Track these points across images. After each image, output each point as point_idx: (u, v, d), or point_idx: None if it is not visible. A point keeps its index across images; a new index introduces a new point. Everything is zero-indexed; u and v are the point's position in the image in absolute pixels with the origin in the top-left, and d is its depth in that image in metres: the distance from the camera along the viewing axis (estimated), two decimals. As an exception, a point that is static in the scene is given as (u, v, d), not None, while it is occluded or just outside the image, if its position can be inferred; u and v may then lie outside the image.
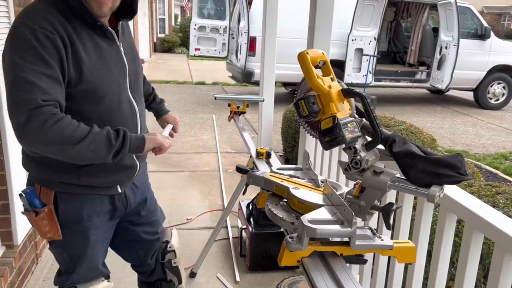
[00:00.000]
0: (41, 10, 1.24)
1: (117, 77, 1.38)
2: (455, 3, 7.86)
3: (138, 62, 1.54)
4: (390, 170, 1.25)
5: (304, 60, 1.26)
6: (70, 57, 1.23)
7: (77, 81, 1.26)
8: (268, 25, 4.57)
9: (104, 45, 1.35)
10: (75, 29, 1.26)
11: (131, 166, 1.50)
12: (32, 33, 1.17)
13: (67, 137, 1.19)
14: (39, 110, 1.15)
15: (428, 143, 3.29)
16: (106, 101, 1.35)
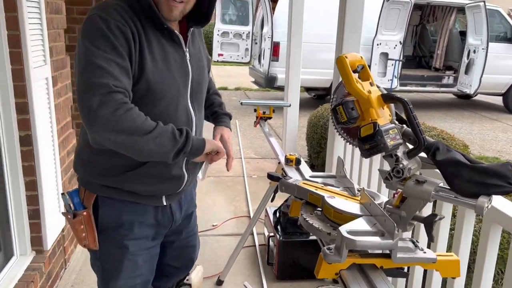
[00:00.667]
0: (114, 4, 1.24)
1: (178, 83, 1.34)
2: (484, 6, 7.67)
3: (204, 74, 1.49)
4: (433, 179, 1.19)
5: (343, 64, 1.22)
6: (137, 53, 1.22)
7: (138, 78, 1.23)
8: (294, 31, 4.54)
9: (169, 49, 1.32)
10: (144, 27, 1.25)
11: (178, 177, 1.42)
12: (105, 23, 1.18)
13: (137, 127, 1.16)
14: (111, 96, 1.13)
15: (461, 149, 3.18)
16: (163, 105, 1.30)
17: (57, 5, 2.40)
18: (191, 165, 1.45)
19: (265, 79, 8.19)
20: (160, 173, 1.35)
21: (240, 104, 2.86)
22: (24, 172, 2.10)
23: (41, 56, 2.16)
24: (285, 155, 2.17)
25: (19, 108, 2.02)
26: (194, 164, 1.46)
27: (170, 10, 1.27)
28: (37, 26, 2.10)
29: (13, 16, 1.91)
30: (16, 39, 1.94)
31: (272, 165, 4.97)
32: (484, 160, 5.19)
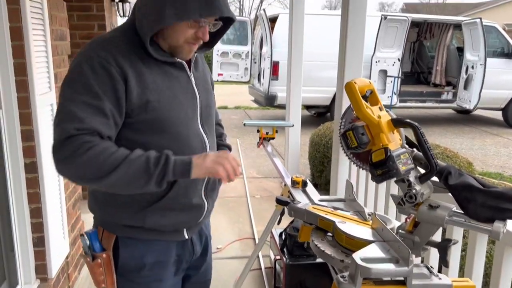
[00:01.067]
0: (109, 39, 1.24)
1: (186, 108, 1.31)
2: (480, 23, 7.76)
3: (211, 96, 1.47)
4: (446, 203, 1.18)
5: (352, 90, 1.22)
6: (133, 86, 1.19)
7: (141, 110, 1.21)
8: (294, 52, 4.59)
9: (173, 73, 1.30)
10: (143, 58, 1.23)
11: (199, 206, 1.37)
12: (88, 61, 1.17)
13: (96, 167, 1.12)
14: (69, 140, 1.11)
15: (465, 167, 3.18)
16: (173, 132, 1.27)
17: (62, 32, 2.42)
18: (210, 192, 1.41)
19: (265, 98, 8.23)
20: (180, 204, 1.31)
21: (243, 125, 2.85)
22: (29, 199, 2.09)
23: (46, 83, 2.17)
24: (291, 177, 2.15)
25: (24, 136, 2.02)
26: (212, 191, 1.43)
27: (190, 51, 1.28)
28: (42, 53, 2.11)
29: (20, 45, 1.92)
30: (22, 67, 1.95)
31: (275, 185, 4.95)
32: (487, 176, 5.18)
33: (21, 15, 1.90)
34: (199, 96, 1.36)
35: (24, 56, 1.94)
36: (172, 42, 1.26)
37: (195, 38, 1.26)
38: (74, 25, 3.55)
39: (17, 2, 1.89)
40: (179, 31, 1.23)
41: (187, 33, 1.24)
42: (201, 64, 1.47)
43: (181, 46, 1.26)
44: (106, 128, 1.17)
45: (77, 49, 3.54)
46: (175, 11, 1.18)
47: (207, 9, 1.19)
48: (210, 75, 1.54)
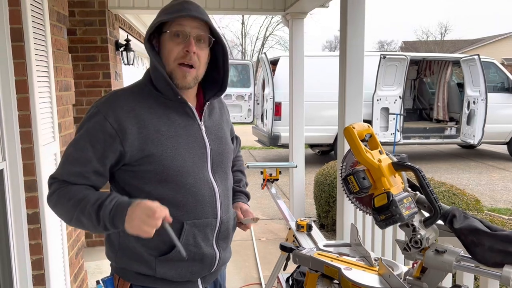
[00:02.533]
0: (121, 91, 1.34)
1: (193, 157, 1.31)
2: (478, 59, 7.88)
3: (226, 143, 1.45)
4: (453, 248, 1.16)
5: (351, 134, 1.23)
6: (133, 139, 1.24)
7: (143, 161, 1.25)
8: (295, 93, 4.66)
9: (181, 123, 1.32)
10: (151, 108, 1.29)
11: (210, 256, 1.35)
12: (90, 115, 1.27)
13: (60, 212, 1.27)
14: (49, 187, 1.30)
15: (473, 204, 3.13)
16: (177, 181, 1.28)
17: (66, 82, 2.48)
18: (222, 240, 1.40)
19: (269, 138, 8.28)
20: (190, 254, 1.29)
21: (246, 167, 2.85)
22: (31, 251, 2.06)
23: (50, 133, 2.20)
24: (296, 221, 2.12)
25: (27, 186, 2.02)
26: (225, 239, 1.41)
27: (183, 76, 1.29)
28: (47, 104, 2.15)
29: (25, 97, 1.96)
30: (27, 119, 1.98)
31: (281, 226, 4.88)
32: (497, 212, 5.08)
33: (26, 68, 1.96)
34: (209, 145, 1.36)
35: (29, 108, 1.98)
36: (167, 68, 1.29)
37: (183, 54, 1.28)
38: (79, 75, 3.65)
39: (23, 57, 1.95)
40: (166, 51, 1.29)
41: (173, 51, 1.28)
42: (217, 109, 1.49)
43: (174, 70, 1.29)
44: (78, 178, 1.26)
45: (82, 98, 3.62)
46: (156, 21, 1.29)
47: (176, 11, 1.27)
48: (227, 120, 1.54)
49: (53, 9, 2.31)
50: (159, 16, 1.30)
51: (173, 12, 1.27)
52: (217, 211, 1.35)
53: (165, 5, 1.33)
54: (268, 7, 4.45)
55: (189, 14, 1.26)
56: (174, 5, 1.30)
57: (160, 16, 1.29)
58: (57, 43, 2.35)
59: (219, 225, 1.36)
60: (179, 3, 1.30)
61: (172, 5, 1.30)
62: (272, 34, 26.00)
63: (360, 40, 2.77)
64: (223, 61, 1.39)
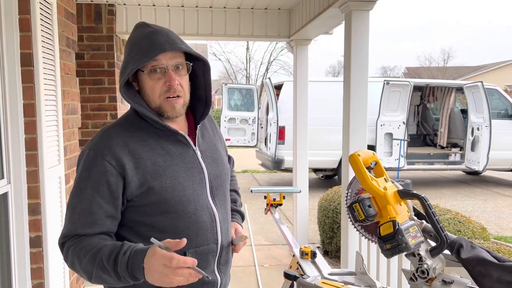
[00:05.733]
0: (111, 128, 1.29)
1: (192, 184, 1.30)
2: (482, 86, 7.92)
3: (222, 164, 1.44)
4: (460, 278, 1.14)
5: (356, 162, 1.22)
6: (132, 175, 1.21)
7: (144, 195, 1.23)
8: (299, 117, 4.68)
9: (176, 151, 1.30)
10: (144, 140, 1.26)
11: (211, 282, 1.33)
12: (86, 159, 1.23)
13: (79, 271, 1.19)
14: (61, 246, 1.23)
15: (479, 232, 3.09)
16: (178, 210, 1.26)
17: (73, 106, 2.51)
18: (224, 266, 1.38)
19: (272, 162, 8.28)
20: (193, 283, 1.19)
21: (250, 191, 2.84)
22: (32, 275, 2.04)
23: (56, 156, 2.21)
24: (300, 248, 2.09)
25: (31, 209, 2.03)
26: (226, 264, 1.39)
27: (172, 107, 1.27)
28: (53, 128, 2.17)
29: (32, 121, 1.99)
30: (33, 142, 2.00)
31: (284, 252, 4.82)
32: (503, 240, 5.01)
33: (35, 92, 1.99)
34: (206, 169, 1.35)
35: (36, 131, 2.00)
36: (152, 104, 1.27)
37: (166, 89, 1.25)
38: (86, 98, 3.69)
39: (32, 81, 1.98)
40: (148, 90, 1.26)
41: (155, 88, 1.25)
42: (209, 129, 1.47)
43: (161, 104, 1.26)
44: (92, 227, 1.20)
45: (88, 121, 3.65)
46: (125, 72, 1.24)
47: (148, 49, 1.21)
48: (220, 137, 1.52)
49: (62, 34, 2.36)
50: (130, 56, 1.25)
51: (146, 52, 1.22)
52: (217, 237, 1.33)
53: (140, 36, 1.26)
54: (273, 33, 4.52)
55: (163, 50, 1.21)
56: (142, 40, 1.25)
57: (133, 58, 1.23)
58: (66, 68, 2.39)
59: (220, 250, 1.35)
60: (147, 36, 1.24)
61: (140, 41, 1.25)
62: (276, 59, 26.33)
63: (364, 67, 2.80)
64: (204, 75, 1.37)
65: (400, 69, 39.30)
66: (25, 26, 1.95)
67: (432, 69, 34.69)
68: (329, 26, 4.04)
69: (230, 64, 27.89)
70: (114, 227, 1.25)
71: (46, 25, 2.12)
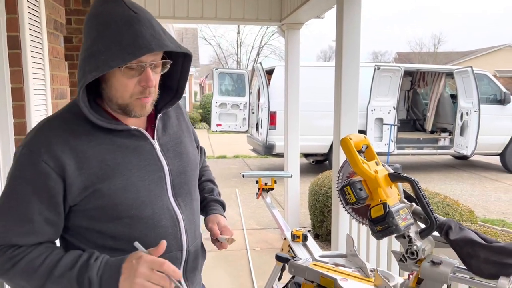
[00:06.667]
0: (48, 123, 1.11)
1: (148, 183, 1.14)
2: (471, 71, 7.98)
3: (187, 158, 1.27)
4: (449, 259, 1.16)
5: (348, 145, 1.23)
6: (74, 177, 1.05)
7: (90, 199, 1.07)
8: (290, 102, 4.68)
9: (129, 146, 1.14)
10: (90, 134, 1.09)
11: None
12: (19, 159, 1.06)
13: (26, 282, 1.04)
14: None
15: (466, 215, 3.14)
16: (132, 215, 1.11)
17: (62, 90, 2.48)
18: (191, 273, 1.26)
19: (264, 147, 8.30)
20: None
21: (242, 176, 2.85)
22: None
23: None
24: (291, 231, 2.12)
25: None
26: (193, 271, 1.28)
27: (142, 107, 1.11)
28: (42, 112, 2.15)
29: (20, 105, 1.96)
30: (22, 127, 1.97)
31: (275, 236, 4.87)
32: (490, 223, 5.11)
33: (23, 76, 1.96)
34: (167, 165, 1.19)
35: (25, 115, 1.98)
36: (119, 101, 1.11)
37: (141, 90, 1.09)
38: (75, 82, 3.63)
39: (20, 64, 1.95)
40: (118, 86, 1.08)
41: (128, 86, 1.08)
42: (173, 118, 1.30)
43: (130, 104, 1.11)
44: (30, 236, 1.05)
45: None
46: (96, 64, 1.03)
47: (134, 48, 1.02)
48: (187, 127, 1.36)
49: (50, 17, 2.32)
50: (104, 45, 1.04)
51: (128, 48, 1.01)
52: (182, 242, 1.19)
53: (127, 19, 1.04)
54: (265, 17, 4.48)
55: (149, 50, 1.02)
56: (121, 28, 1.03)
57: (109, 50, 1.02)
58: (54, 51, 2.35)
59: (186, 257, 1.22)
60: (128, 24, 1.03)
61: (118, 28, 1.03)
62: (267, 44, 26.16)
63: (355, 51, 2.80)
64: (182, 65, 1.21)
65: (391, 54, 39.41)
66: (11, 8, 1.91)
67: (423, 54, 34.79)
68: (321, 10, 4.01)
69: (220, 49, 27.69)
70: (56, 235, 1.10)
71: (33, 7, 2.07)
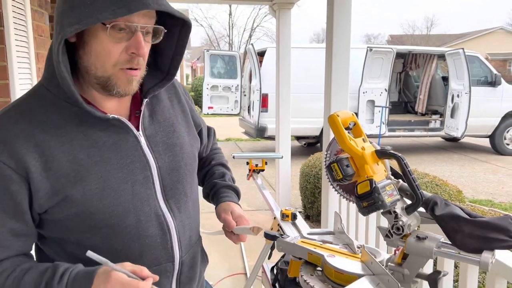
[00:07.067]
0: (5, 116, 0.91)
1: (131, 186, 0.96)
2: (463, 53, 7.98)
3: (181, 150, 1.08)
4: (434, 234, 1.17)
5: (335, 122, 1.23)
6: (39, 180, 0.88)
7: (60, 207, 0.91)
8: (282, 84, 4.66)
9: (107, 141, 0.95)
10: (60, 127, 0.91)
11: None
12: None
13: None
14: None
15: (455, 195, 3.18)
16: (114, 225, 0.94)
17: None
18: (186, 285, 1.13)
19: (256, 130, 8.29)
20: None
21: (232, 157, 2.85)
22: None
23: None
24: (281, 210, 2.13)
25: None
26: (189, 283, 1.15)
27: (128, 82, 0.93)
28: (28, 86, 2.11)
29: (4, 84, 1.93)
30: (6, 105, 1.94)
31: (266, 217, 4.90)
32: (478, 204, 5.18)
33: (6, 54, 1.92)
34: (155, 162, 1.01)
35: (9, 95, 1.94)
36: (98, 72, 0.91)
37: (129, 59, 0.91)
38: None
39: (3, 42, 1.91)
40: (100, 51, 0.89)
41: (113, 52, 0.89)
42: (165, 101, 1.11)
43: (113, 75, 0.91)
44: None
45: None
46: (78, 17, 0.84)
47: (123, 4, 0.84)
48: (185, 109, 1.16)
49: (34, -6, 2.26)
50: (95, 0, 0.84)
51: (120, 1, 0.84)
52: (173, 253, 1.04)
53: None
54: (255, -4, 4.42)
55: (146, 6, 0.86)
56: None
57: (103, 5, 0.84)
58: (39, 29, 2.30)
59: (179, 269, 1.07)
60: None
61: None
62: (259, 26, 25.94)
63: (346, 31, 2.77)
64: (179, 39, 1.02)
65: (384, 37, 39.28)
66: (-7, -16, 1.87)
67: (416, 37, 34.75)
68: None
69: (212, 31, 27.43)
70: (27, 246, 0.95)
71: (16, -16, 2.03)
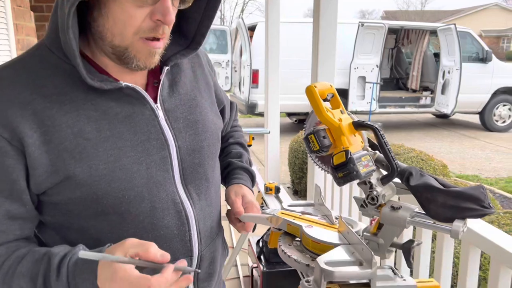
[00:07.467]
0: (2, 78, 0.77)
1: (147, 167, 0.83)
2: (455, 29, 7.94)
3: (205, 128, 0.94)
4: (408, 204, 1.19)
5: (313, 93, 1.22)
6: (37, 155, 0.75)
7: (61, 187, 0.78)
8: (270, 59, 4.61)
9: (120, 112, 0.82)
10: (63, 93, 0.78)
11: None
12: None
13: None
14: None
15: (440, 169, 3.22)
16: (124, 212, 0.82)
17: (29, 41, 2.39)
18: (205, 282, 1.01)
19: (246, 106, 8.26)
20: None
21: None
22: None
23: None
24: (264, 184, 2.15)
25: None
26: (208, 279, 1.02)
27: (150, 54, 0.80)
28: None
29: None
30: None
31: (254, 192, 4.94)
32: (465, 179, 5.25)
33: (-17, 25, 1.87)
34: (175, 140, 0.88)
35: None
36: (115, 40, 0.78)
37: (153, 26, 0.78)
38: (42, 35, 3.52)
39: (-21, 12, 1.86)
40: (120, 15, 0.75)
41: (135, 18, 0.76)
42: (188, 74, 0.96)
43: (132, 45, 0.78)
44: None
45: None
46: None
47: None
48: (209, 81, 1.03)
49: (12, -38, 2.20)
50: None
51: None
52: (191, 246, 0.91)
53: None
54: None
55: None
56: None
57: None
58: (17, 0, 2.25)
59: (198, 264, 0.94)
60: None
61: None
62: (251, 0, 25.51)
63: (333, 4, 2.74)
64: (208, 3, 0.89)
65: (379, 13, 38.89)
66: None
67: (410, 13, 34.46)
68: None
69: None
70: (25, 230, 0.82)
71: (-8, -49, 1.96)
